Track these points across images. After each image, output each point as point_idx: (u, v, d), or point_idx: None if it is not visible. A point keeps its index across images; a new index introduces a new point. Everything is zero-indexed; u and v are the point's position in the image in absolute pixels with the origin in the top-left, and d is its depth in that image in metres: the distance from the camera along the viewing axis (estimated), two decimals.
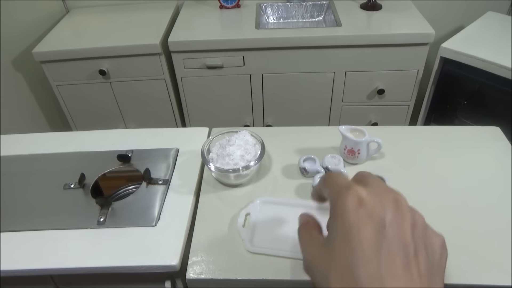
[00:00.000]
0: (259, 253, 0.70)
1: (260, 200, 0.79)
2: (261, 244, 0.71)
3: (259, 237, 0.72)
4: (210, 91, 1.79)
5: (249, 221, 0.76)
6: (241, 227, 0.74)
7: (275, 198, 0.81)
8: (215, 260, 0.70)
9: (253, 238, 0.72)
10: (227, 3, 1.87)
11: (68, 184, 0.89)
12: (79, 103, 1.83)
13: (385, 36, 1.59)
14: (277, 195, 0.83)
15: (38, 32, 1.97)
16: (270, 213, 0.77)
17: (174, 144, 0.99)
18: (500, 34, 1.63)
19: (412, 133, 1.00)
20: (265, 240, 0.72)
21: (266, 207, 0.79)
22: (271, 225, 0.75)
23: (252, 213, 0.77)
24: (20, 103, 2.12)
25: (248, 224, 0.75)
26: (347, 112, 1.84)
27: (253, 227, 0.74)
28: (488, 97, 1.75)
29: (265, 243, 0.71)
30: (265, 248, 0.70)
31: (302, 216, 0.48)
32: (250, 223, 0.75)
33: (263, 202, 0.79)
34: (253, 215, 0.77)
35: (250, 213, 0.77)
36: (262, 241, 0.72)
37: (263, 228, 0.74)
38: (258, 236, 0.72)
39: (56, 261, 0.72)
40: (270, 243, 0.71)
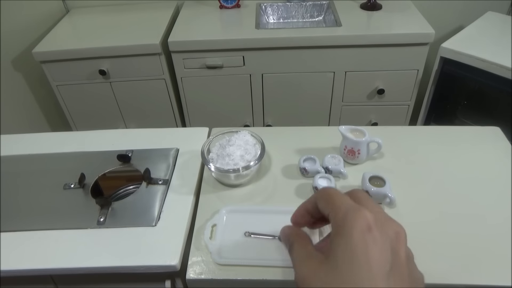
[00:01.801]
0: (228, 264, 0.68)
1: (225, 209, 0.77)
2: (229, 255, 0.69)
3: (227, 248, 0.70)
4: (210, 91, 1.79)
5: (216, 232, 0.73)
6: (208, 239, 0.72)
7: (240, 207, 0.79)
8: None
9: (221, 250, 0.70)
10: (227, 3, 1.87)
11: (68, 184, 0.89)
12: (79, 103, 1.83)
13: (385, 36, 1.59)
14: (277, 195, 0.83)
15: (38, 32, 1.97)
16: (237, 222, 0.75)
17: (174, 144, 0.99)
18: (500, 34, 1.63)
19: (412, 133, 1.00)
20: (233, 250, 0.70)
21: (232, 216, 0.76)
22: (238, 235, 0.72)
23: (219, 224, 0.75)
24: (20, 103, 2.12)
25: (215, 236, 0.73)
26: (347, 112, 1.84)
27: (221, 238, 0.72)
28: (488, 97, 1.75)
29: (233, 253, 0.70)
30: (234, 259, 0.69)
31: (288, 231, 0.48)
32: (217, 235, 0.73)
33: (228, 212, 0.77)
34: (219, 226, 0.74)
35: (217, 224, 0.75)
36: (230, 252, 0.70)
37: (230, 238, 0.72)
38: (226, 247, 0.71)
39: (56, 261, 0.72)
40: (239, 253, 0.70)
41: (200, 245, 0.73)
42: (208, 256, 0.71)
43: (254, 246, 0.70)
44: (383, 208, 0.78)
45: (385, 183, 0.78)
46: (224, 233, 0.73)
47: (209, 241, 0.72)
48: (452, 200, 0.79)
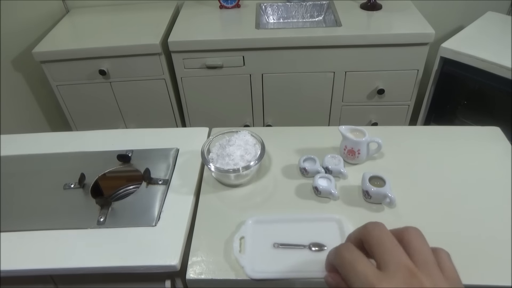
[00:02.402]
0: (264, 278, 0.66)
1: (251, 220, 0.75)
2: (263, 269, 0.67)
3: (259, 261, 0.68)
4: (210, 91, 1.79)
5: (245, 245, 0.71)
6: (238, 253, 0.69)
7: (266, 216, 0.77)
8: (215, 260, 0.70)
9: (253, 264, 0.67)
10: (227, 3, 1.87)
11: (68, 184, 0.89)
12: (79, 103, 1.83)
13: (385, 36, 1.59)
14: (277, 195, 0.83)
15: (38, 32, 1.97)
16: (264, 233, 0.73)
17: (174, 144, 0.99)
18: (500, 34, 1.63)
19: (412, 133, 1.00)
20: (265, 263, 0.68)
21: (258, 227, 0.74)
22: (267, 246, 0.70)
23: (247, 237, 0.72)
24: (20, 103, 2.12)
25: (245, 249, 0.70)
26: (347, 112, 1.84)
27: (250, 251, 0.69)
28: (488, 97, 1.75)
29: (266, 267, 0.67)
30: (268, 272, 0.66)
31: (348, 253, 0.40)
32: (246, 248, 0.70)
33: (255, 222, 0.75)
34: (247, 238, 0.72)
35: (244, 236, 0.72)
36: (263, 265, 0.67)
37: (260, 250, 0.69)
38: (258, 261, 0.68)
39: (56, 261, 0.72)
40: (272, 266, 0.67)
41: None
42: (208, 256, 0.71)
43: (284, 258, 0.68)
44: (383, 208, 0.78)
45: (385, 183, 0.78)
46: (253, 246, 0.70)
47: (239, 254, 0.69)
48: (452, 200, 0.79)
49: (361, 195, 0.81)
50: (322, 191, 0.80)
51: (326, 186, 0.80)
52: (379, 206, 0.79)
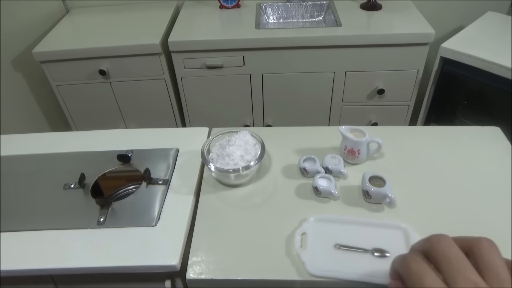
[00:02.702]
0: (325, 276, 0.65)
1: (314, 218, 0.75)
2: (324, 267, 0.66)
3: (320, 259, 0.68)
4: (210, 91, 1.79)
5: (307, 241, 0.71)
6: (299, 248, 0.70)
7: (328, 216, 0.76)
8: (215, 260, 0.70)
9: (314, 261, 0.67)
10: (227, 3, 1.87)
11: (68, 184, 0.89)
12: (79, 103, 1.83)
13: (385, 36, 1.59)
14: (277, 195, 0.83)
15: (38, 32, 1.97)
16: (325, 232, 0.73)
17: (174, 144, 0.99)
18: (500, 34, 1.63)
19: (412, 133, 1.00)
20: (326, 262, 0.67)
21: (320, 226, 0.74)
22: (328, 246, 0.70)
23: (308, 233, 0.72)
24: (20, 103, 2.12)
25: (306, 245, 0.70)
26: (347, 112, 1.84)
27: (312, 248, 0.70)
28: (488, 97, 1.75)
29: (327, 265, 0.67)
30: (328, 271, 0.66)
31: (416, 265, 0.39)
32: (307, 244, 0.70)
33: (317, 220, 0.75)
34: (309, 235, 0.72)
35: (306, 232, 0.73)
36: (324, 263, 0.67)
37: (321, 249, 0.70)
38: (319, 258, 0.68)
39: (56, 261, 0.72)
40: (332, 265, 0.67)
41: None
42: (208, 256, 0.71)
43: (346, 259, 0.68)
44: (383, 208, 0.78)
45: (385, 183, 0.78)
46: (314, 243, 0.71)
47: (300, 249, 0.70)
48: (452, 200, 0.79)
49: (361, 195, 0.81)
50: (322, 191, 0.80)
51: (326, 186, 0.80)
52: (379, 206, 0.79)
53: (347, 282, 0.65)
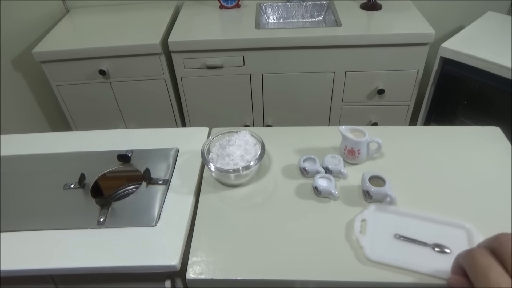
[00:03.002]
0: (381, 262, 0.67)
1: (375, 206, 0.77)
2: (382, 254, 0.68)
3: (379, 245, 0.69)
4: (210, 91, 1.79)
5: (366, 228, 0.73)
6: (358, 233, 0.72)
7: (390, 207, 0.77)
8: (215, 260, 0.70)
9: (373, 246, 0.69)
10: (227, 3, 1.87)
11: (68, 184, 0.89)
12: (79, 103, 1.83)
13: (385, 36, 1.59)
14: (277, 195, 0.83)
15: (38, 32, 1.97)
16: (386, 222, 0.74)
17: (174, 144, 0.99)
18: (500, 34, 1.63)
19: (412, 133, 1.00)
20: (385, 249, 0.69)
21: (381, 215, 0.76)
22: (388, 235, 0.72)
23: (368, 220, 0.74)
24: (20, 103, 2.12)
25: (366, 231, 0.72)
26: (347, 112, 1.84)
27: (371, 235, 0.71)
28: (488, 97, 1.75)
29: (386, 252, 0.68)
30: (387, 258, 0.67)
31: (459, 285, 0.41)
32: (367, 230, 0.72)
33: (378, 209, 0.77)
34: (369, 222, 0.74)
35: (366, 219, 0.74)
36: (382, 250, 0.69)
37: (380, 236, 0.71)
38: (377, 245, 0.70)
39: (56, 261, 0.72)
40: (391, 253, 0.68)
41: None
42: (208, 256, 0.71)
43: (405, 250, 0.69)
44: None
45: (385, 182, 0.78)
46: (374, 231, 0.72)
47: (360, 235, 0.72)
48: (452, 200, 0.79)
49: (361, 195, 0.81)
50: (322, 191, 0.80)
51: (326, 186, 0.80)
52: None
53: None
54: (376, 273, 0.66)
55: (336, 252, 0.70)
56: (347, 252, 0.70)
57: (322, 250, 0.71)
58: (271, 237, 0.74)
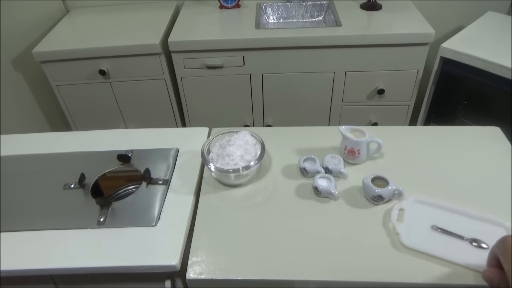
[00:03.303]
0: (416, 249, 0.69)
1: (414, 197, 0.79)
2: (418, 241, 0.70)
3: (415, 234, 0.72)
4: (210, 91, 1.79)
5: (404, 216, 0.75)
6: (395, 221, 0.74)
7: (428, 199, 0.79)
8: (215, 260, 0.70)
9: (409, 234, 0.72)
10: (227, 3, 1.87)
11: (68, 184, 0.89)
12: (79, 103, 1.83)
13: (385, 36, 1.59)
14: (277, 195, 0.83)
15: (38, 32, 1.97)
16: (424, 213, 0.76)
17: (174, 144, 0.99)
18: (500, 34, 1.63)
19: (412, 133, 1.00)
20: (421, 238, 0.71)
21: (419, 206, 0.78)
22: (425, 225, 0.74)
23: (406, 210, 0.77)
24: (20, 103, 2.12)
25: (403, 219, 0.75)
26: (347, 112, 1.84)
27: (408, 223, 0.74)
28: (488, 97, 1.75)
29: (422, 241, 0.70)
30: (423, 246, 0.69)
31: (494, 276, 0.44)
32: (404, 219, 0.75)
33: (416, 201, 0.79)
34: (407, 211, 0.76)
35: (404, 209, 0.77)
36: (419, 238, 0.71)
37: (417, 226, 0.74)
38: (414, 233, 0.72)
39: (56, 261, 0.72)
40: (427, 242, 0.70)
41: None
42: (208, 256, 0.71)
43: (442, 241, 0.71)
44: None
45: (388, 181, 0.78)
46: (411, 220, 0.75)
47: (397, 222, 0.74)
48: (452, 200, 0.79)
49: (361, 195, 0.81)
50: (322, 191, 0.80)
51: (326, 186, 0.80)
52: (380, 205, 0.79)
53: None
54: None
55: (336, 252, 0.70)
56: (348, 251, 0.70)
57: (322, 250, 0.71)
58: (271, 237, 0.74)
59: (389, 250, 0.70)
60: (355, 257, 0.69)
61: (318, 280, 0.66)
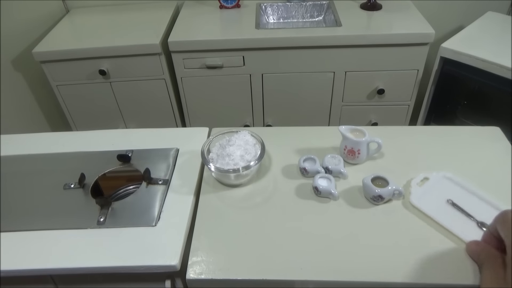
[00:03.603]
0: (421, 209, 0.75)
1: (443, 173, 0.83)
2: (427, 206, 0.75)
3: (427, 200, 0.77)
4: (210, 91, 1.79)
5: (425, 184, 0.81)
6: (415, 184, 0.80)
7: (457, 178, 0.82)
8: (215, 260, 0.70)
9: (422, 198, 0.77)
10: (227, 3, 1.87)
11: (68, 184, 0.89)
12: (79, 103, 1.83)
13: (385, 36, 1.59)
14: (277, 195, 0.83)
15: (38, 32, 1.97)
16: (445, 187, 0.80)
17: (174, 144, 0.99)
18: (500, 34, 1.63)
19: (412, 133, 1.00)
20: (432, 205, 0.76)
21: (444, 182, 0.82)
22: (441, 198, 0.78)
23: (431, 180, 0.82)
24: (20, 103, 2.12)
25: (423, 185, 0.80)
26: (347, 112, 1.84)
27: (426, 190, 0.79)
28: (488, 97, 1.75)
29: (432, 208, 0.75)
30: (429, 210, 0.74)
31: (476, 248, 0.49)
32: (424, 186, 0.80)
33: (444, 177, 0.83)
34: (430, 181, 0.81)
35: (429, 178, 0.82)
36: (430, 205, 0.76)
37: (433, 195, 0.78)
38: (427, 199, 0.77)
39: (56, 261, 0.72)
40: (436, 210, 0.75)
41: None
42: (208, 256, 0.71)
43: (449, 213, 0.75)
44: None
45: (388, 181, 0.78)
46: (431, 189, 0.80)
47: (416, 185, 0.80)
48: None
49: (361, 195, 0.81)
50: (322, 191, 0.80)
51: (326, 186, 0.80)
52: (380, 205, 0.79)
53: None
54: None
55: (336, 252, 0.70)
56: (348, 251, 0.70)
57: (322, 250, 0.71)
58: (271, 237, 0.74)
59: (389, 250, 0.70)
60: (355, 257, 0.69)
61: (318, 280, 0.66)
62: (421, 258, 0.68)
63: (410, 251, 0.69)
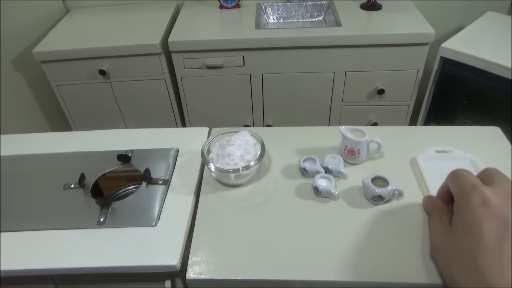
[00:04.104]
0: (421, 171, 0.83)
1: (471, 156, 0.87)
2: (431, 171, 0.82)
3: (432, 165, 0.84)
4: (210, 91, 1.79)
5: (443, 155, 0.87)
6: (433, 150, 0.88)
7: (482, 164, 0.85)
8: (215, 260, 0.70)
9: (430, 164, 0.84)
10: (227, 3, 1.87)
11: (68, 184, 0.89)
12: (79, 103, 1.83)
13: (385, 36, 1.59)
14: (277, 195, 0.83)
15: (38, 32, 1.97)
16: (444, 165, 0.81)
17: (174, 144, 0.99)
18: (500, 34, 1.63)
19: (412, 133, 1.00)
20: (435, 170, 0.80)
21: (464, 163, 0.86)
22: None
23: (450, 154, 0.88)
24: (20, 103, 2.12)
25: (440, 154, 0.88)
26: (347, 112, 1.84)
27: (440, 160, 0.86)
28: (488, 97, 1.75)
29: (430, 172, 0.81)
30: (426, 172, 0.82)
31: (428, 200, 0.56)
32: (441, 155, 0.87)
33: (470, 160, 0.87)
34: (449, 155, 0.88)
35: (453, 152, 0.88)
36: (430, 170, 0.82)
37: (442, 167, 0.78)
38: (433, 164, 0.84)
39: (56, 261, 0.72)
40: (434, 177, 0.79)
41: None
42: (208, 256, 0.71)
43: None
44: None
45: (388, 181, 0.78)
46: (443, 161, 0.85)
47: (433, 151, 0.88)
48: None
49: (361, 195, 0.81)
50: (322, 191, 0.80)
51: (326, 186, 0.80)
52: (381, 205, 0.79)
53: None
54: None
55: (336, 252, 0.70)
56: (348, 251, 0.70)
57: (322, 250, 0.71)
58: (271, 237, 0.74)
59: (389, 250, 0.70)
60: (355, 257, 0.69)
61: (318, 280, 0.66)
62: (421, 258, 0.68)
63: (410, 251, 0.69)
